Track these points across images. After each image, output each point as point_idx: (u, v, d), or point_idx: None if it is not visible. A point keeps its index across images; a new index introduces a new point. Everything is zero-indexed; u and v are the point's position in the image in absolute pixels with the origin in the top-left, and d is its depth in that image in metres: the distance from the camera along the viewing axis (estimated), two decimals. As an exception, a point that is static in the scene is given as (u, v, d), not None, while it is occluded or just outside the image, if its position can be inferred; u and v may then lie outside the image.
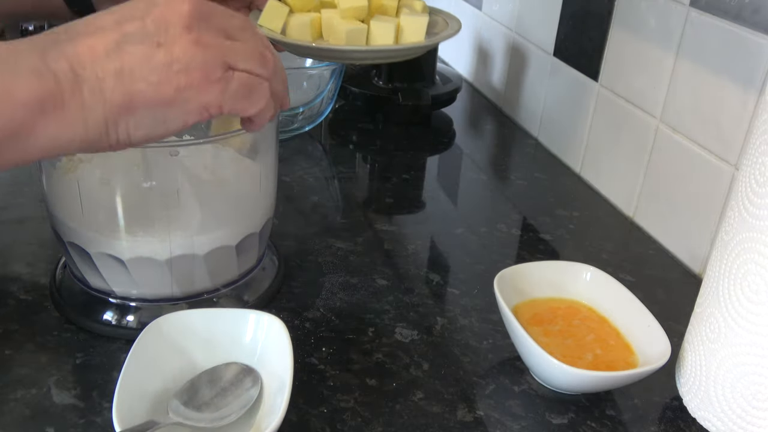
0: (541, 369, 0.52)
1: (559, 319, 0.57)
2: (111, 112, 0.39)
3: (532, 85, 0.99)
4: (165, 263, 0.54)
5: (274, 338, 0.50)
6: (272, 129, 0.57)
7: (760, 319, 0.45)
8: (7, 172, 0.79)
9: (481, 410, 0.51)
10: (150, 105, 0.40)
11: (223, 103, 0.42)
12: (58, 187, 0.54)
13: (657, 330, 0.53)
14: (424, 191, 0.85)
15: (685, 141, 0.70)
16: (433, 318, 0.61)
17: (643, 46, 0.75)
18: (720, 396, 0.49)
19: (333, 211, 0.78)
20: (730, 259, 0.47)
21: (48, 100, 0.37)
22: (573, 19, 0.88)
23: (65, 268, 0.60)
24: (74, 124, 0.38)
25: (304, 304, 0.61)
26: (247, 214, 0.57)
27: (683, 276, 0.70)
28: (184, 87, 0.40)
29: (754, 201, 0.45)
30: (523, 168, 0.92)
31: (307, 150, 0.92)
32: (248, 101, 0.44)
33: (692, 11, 0.68)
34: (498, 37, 1.08)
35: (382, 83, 1.00)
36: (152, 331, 0.49)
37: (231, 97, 0.42)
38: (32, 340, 0.55)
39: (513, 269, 0.58)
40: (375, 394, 0.52)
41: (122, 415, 0.42)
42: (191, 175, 0.53)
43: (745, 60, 0.62)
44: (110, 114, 0.39)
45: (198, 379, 0.48)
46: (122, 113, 0.39)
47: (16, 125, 0.37)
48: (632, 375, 0.50)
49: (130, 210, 0.52)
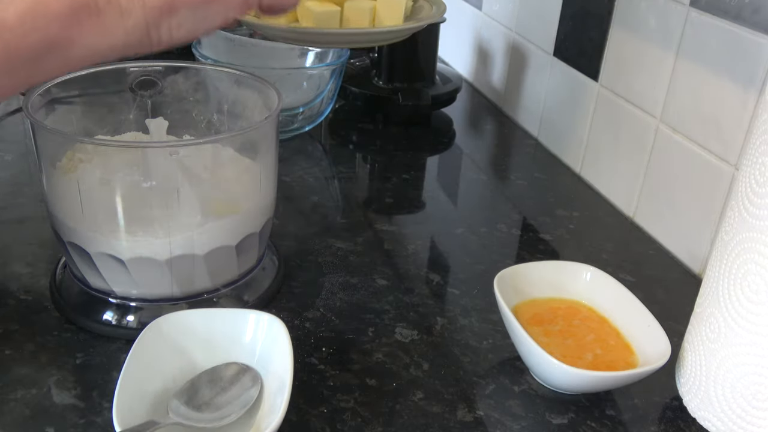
0: (541, 369, 0.52)
1: (559, 319, 0.57)
2: (151, 14, 0.39)
3: (532, 85, 0.99)
4: (165, 263, 0.54)
5: (274, 338, 0.50)
6: (272, 129, 0.57)
7: (760, 319, 0.45)
8: (8, 172, 0.79)
9: (481, 410, 0.51)
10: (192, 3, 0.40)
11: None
12: (58, 187, 0.54)
13: (657, 330, 0.53)
14: (424, 191, 0.85)
15: (685, 141, 0.70)
16: (433, 318, 0.61)
17: (643, 46, 0.75)
18: (720, 396, 0.49)
19: (333, 211, 0.78)
20: (730, 259, 0.47)
21: (82, 9, 0.37)
22: (573, 19, 0.88)
23: (65, 268, 0.60)
24: (113, 30, 0.38)
25: (304, 304, 0.61)
26: (247, 214, 0.57)
27: (683, 276, 0.70)
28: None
29: (754, 201, 0.45)
30: (523, 168, 0.92)
31: (307, 150, 0.92)
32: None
33: (692, 11, 0.68)
34: (498, 37, 1.08)
35: (382, 83, 1.00)
36: (152, 331, 0.49)
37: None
38: (32, 340, 0.55)
39: (513, 269, 0.58)
40: (375, 394, 0.52)
41: (122, 415, 0.42)
42: (191, 175, 0.53)
43: (745, 60, 0.62)
44: (151, 17, 0.39)
45: (198, 379, 0.48)
46: (164, 15, 0.39)
47: (52, 37, 0.36)
48: (632, 375, 0.50)
49: (130, 210, 0.52)
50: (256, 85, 0.61)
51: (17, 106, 0.93)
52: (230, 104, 0.64)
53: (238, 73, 0.63)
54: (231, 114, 0.64)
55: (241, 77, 0.62)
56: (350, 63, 1.03)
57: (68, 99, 0.59)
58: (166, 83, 0.62)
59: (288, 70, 0.89)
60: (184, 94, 0.64)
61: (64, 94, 0.58)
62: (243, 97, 0.63)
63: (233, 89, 0.63)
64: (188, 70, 0.63)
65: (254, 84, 0.61)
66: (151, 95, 0.62)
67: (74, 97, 0.60)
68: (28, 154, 0.83)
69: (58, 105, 0.58)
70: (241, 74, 0.62)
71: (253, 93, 0.61)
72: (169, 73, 0.62)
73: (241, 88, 0.63)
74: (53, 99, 0.57)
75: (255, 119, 0.61)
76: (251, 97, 0.61)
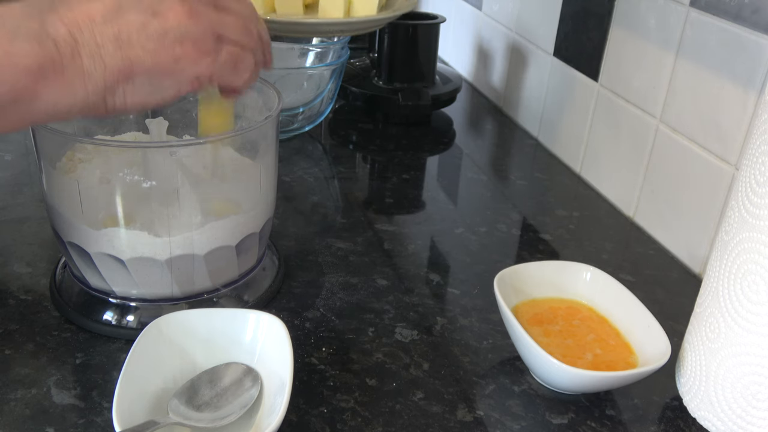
0: (541, 369, 0.52)
1: (559, 319, 0.57)
2: (110, 77, 0.40)
3: (532, 85, 0.99)
4: (165, 263, 0.54)
5: (274, 338, 0.50)
6: (272, 129, 0.57)
7: (760, 319, 0.45)
8: (8, 172, 0.79)
9: (481, 410, 0.51)
10: (148, 72, 0.41)
11: (213, 74, 0.44)
12: (58, 187, 0.54)
13: (657, 330, 0.53)
14: (424, 191, 0.85)
15: (685, 141, 0.70)
16: (433, 318, 0.61)
17: (642, 46, 0.75)
18: (720, 396, 0.49)
19: (333, 211, 0.78)
20: (730, 259, 0.47)
21: (48, 65, 0.38)
22: (573, 19, 0.88)
23: (65, 268, 0.60)
24: (75, 88, 0.39)
25: (304, 304, 0.61)
26: (247, 214, 0.57)
27: (683, 276, 0.70)
28: (180, 57, 0.41)
29: (754, 201, 0.45)
30: (523, 168, 0.92)
31: (307, 150, 0.92)
32: (235, 72, 0.46)
33: (692, 11, 0.68)
34: (498, 37, 1.08)
35: (382, 83, 1.00)
36: (152, 331, 0.48)
37: (220, 67, 0.44)
38: (32, 340, 0.55)
39: (513, 269, 0.58)
40: (375, 394, 0.52)
41: (122, 415, 0.42)
42: (191, 175, 0.53)
43: (745, 60, 0.62)
44: (109, 79, 0.40)
45: (198, 379, 0.48)
46: (121, 79, 0.40)
47: (18, 90, 0.37)
48: (632, 375, 0.50)
49: (130, 210, 0.52)
50: (256, 85, 0.61)
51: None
52: (230, 104, 0.64)
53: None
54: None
55: (241, 77, 0.62)
56: (350, 63, 1.03)
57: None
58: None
59: (288, 70, 0.89)
60: (184, 94, 0.64)
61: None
62: (243, 97, 0.63)
63: (233, 89, 0.63)
64: (188, 70, 0.63)
65: (254, 84, 0.61)
66: None
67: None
68: (28, 154, 0.83)
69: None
70: (241, 74, 0.62)
71: (253, 93, 0.61)
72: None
73: (241, 88, 0.63)
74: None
75: (255, 119, 0.61)
76: (251, 97, 0.61)
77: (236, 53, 0.45)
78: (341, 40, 0.93)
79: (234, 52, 0.44)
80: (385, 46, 0.99)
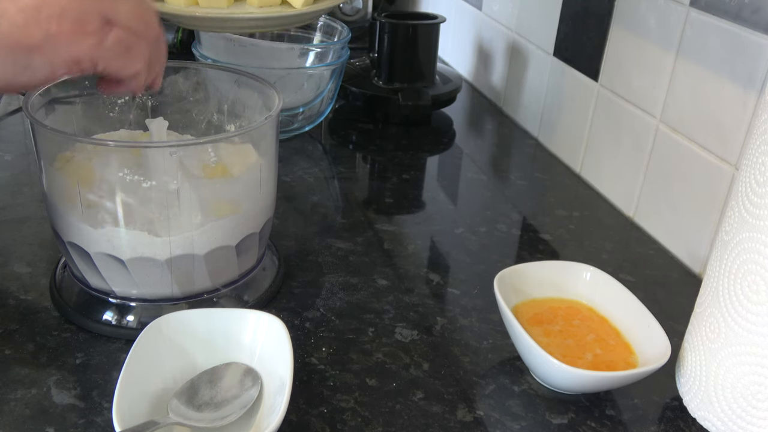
0: (541, 369, 0.52)
1: (559, 319, 0.57)
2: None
3: (532, 85, 0.99)
4: (165, 263, 0.54)
5: (274, 338, 0.50)
6: (272, 129, 0.57)
7: (760, 319, 0.45)
8: (7, 172, 0.79)
9: (481, 410, 0.51)
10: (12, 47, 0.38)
11: (96, 58, 0.41)
12: (58, 187, 0.54)
13: (657, 330, 0.53)
14: (424, 191, 0.85)
15: (685, 141, 0.70)
16: (433, 318, 0.61)
17: (643, 46, 0.75)
18: (720, 396, 0.49)
19: (333, 211, 0.78)
20: (730, 259, 0.47)
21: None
22: (573, 19, 0.88)
23: (65, 268, 0.60)
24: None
25: (304, 304, 0.61)
26: (247, 214, 0.57)
27: (683, 276, 0.70)
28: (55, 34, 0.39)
29: (754, 201, 0.45)
30: (523, 168, 0.92)
31: (307, 150, 0.92)
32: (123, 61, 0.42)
33: (692, 11, 0.68)
34: (498, 37, 1.08)
35: (382, 83, 1.00)
36: (152, 331, 0.48)
37: (106, 52, 0.41)
38: (32, 340, 0.55)
39: (513, 269, 0.58)
40: (375, 394, 0.52)
41: (122, 415, 0.42)
42: (191, 175, 0.53)
43: (745, 60, 0.62)
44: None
45: (198, 379, 0.48)
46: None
47: None
48: (632, 375, 0.50)
49: (129, 210, 0.52)
50: (256, 85, 0.61)
51: (17, 106, 0.93)
52: (230, 104, 0.64)
53: (238, 73, 0.63)
54: (231, 114, 0.64)
55: (241, 77, 0.62)
56: (350, 63, 1.03)
57: (68, 99, 0.59)
58: (166, 83, 0.62)
59: (288, 70, 0.89)
60: (184, 94, 0.64)
61: (64, 94, 0.58)
62: (243, 97, 0.63)
63: (233, 89, 0.63)
64: (188, 70, 0.63)
65: (254, 84, 0.61)
66: (151, 95, 0.62)
67: (74, 97, 0.60)
68: (28, 154, 0.83)
69: (58, 105, 0.58)
70: (241, 74, 0.62)
71: (253, 93, 0.61)
72: (169, 73, 0.62)
73: (241, 88, 0.63)
74: (53, 99, 0.57)
75: (255, 119, 0.61)
76: (251, 97, 0.61)
77: (126, 39, 0.42)
78: (341, 40, 0.94)
79: (124, 38, 0.41)
80: (385, 46, 0.99)
